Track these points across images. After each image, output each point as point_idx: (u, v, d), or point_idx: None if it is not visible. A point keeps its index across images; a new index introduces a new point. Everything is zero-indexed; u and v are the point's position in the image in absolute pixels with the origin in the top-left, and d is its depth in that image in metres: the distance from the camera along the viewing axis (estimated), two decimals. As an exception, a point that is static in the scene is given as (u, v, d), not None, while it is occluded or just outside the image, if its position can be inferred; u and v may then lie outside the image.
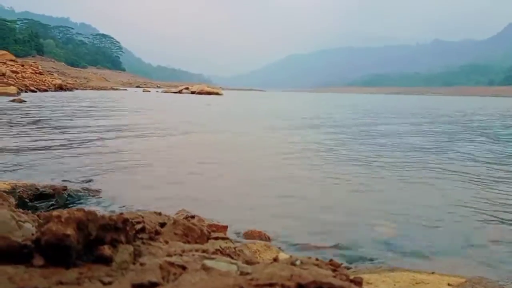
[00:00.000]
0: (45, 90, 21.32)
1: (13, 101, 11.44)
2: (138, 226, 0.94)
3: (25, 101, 11.66)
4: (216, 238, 1.07)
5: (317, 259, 1.02)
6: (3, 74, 19.72)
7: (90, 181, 2.85)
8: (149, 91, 40.19)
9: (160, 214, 1.12)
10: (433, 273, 1.50)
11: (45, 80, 25.40)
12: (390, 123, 10.22)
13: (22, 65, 25.89)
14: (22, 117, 7.57)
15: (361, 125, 9.39)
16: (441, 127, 9.54)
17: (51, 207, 2.20)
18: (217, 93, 34.14)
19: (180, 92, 35.62)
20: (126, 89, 48.58)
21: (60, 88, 24.91)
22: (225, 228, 1.92)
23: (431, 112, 16.44)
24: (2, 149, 4.10)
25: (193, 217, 1.74)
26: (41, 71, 29.01)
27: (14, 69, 22.62)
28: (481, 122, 11.48)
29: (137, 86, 68.56)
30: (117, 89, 45.80)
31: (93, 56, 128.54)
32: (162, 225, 1.07)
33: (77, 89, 32.34)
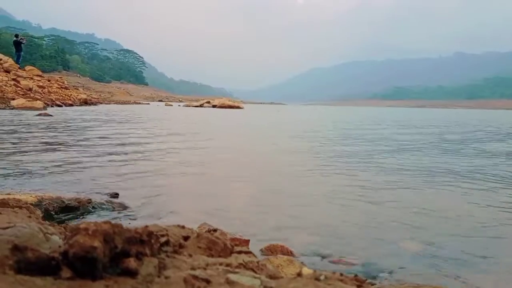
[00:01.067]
0: (71, 105, 21.76)
1: (39, 115, 11.72)
2: (163, 239, 0.94)
3: (51, 115, 11.93)
4: (240, 252, 1.07)
5: (341, 275, 1.00)
6: (30, 89, 20.21)
7: (114, 194, 2.88)
8: (171, 105, 40.71)
9: (183, 227, 1.13)
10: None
11: (71, 94, 25.94)
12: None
13: (49, 80, 26.51)
14: (48, 131, 7.75)
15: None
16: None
17: (76, 220, 2.23)
18: (238, 107, 34.37)
19: (201, 106, 35.97)
20: (148, 103, 49.28)
21: (85, 102, 25.40)
22: (247, 242, 1.92)
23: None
24: (29, 161, 4.19)
25: (215, 230, 1.74)
26: (67, 86, 29.66)
27: (41, 84, 23.16)
28: None
29: (160, 100, 69.53)
30: (140, 103, 46.49)
31: (117, 71, 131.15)
32: (186, 238, 1.07)
33: (101, 103, 32.93)
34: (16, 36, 27.82)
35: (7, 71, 22.39)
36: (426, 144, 8.06)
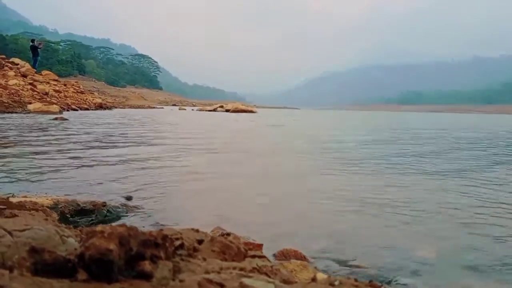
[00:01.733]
0: (86, 109, 22.02)
1: (55, 119, 11.88)
2: (177, 243, 0.95)
3: (67, 119, 12.08)
4: (253, 256, 1.07)
5: (356, 280, 1.00)
6: (47, 93, 20.52)
7: (128, 197, 2.90)
8: (185, 109, 41.00)
9: (197, 231, 1.13)
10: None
11: (86, 99, 26.26)
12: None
13: (65, 85, 26.90)
14: (64, 134, 7.85)
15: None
16: None
17: (91, 223, 2.25)
18: (251, 111, 34.46)
19: (214, 110, 36.16)
20: (162, 107, 49.67)
21: (100, 106, 25.69)
22: (260, 246, 1.91)
23: None
24: (45, 165, 4.25)
25: (228, 234, 1.74)
26: (82, 90, 30.07)
27: (57, 88, 23.51)
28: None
29: (173, 105, 70.06)
30: (154, 107, 46.89)
31: (132, 76, 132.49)
32: (200, 242, 1.08)
33: (116, 107, 33.31)
34: (33, 41, 28.32)
35: (24, 76, 22.79)
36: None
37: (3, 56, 26.21)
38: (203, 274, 0.84)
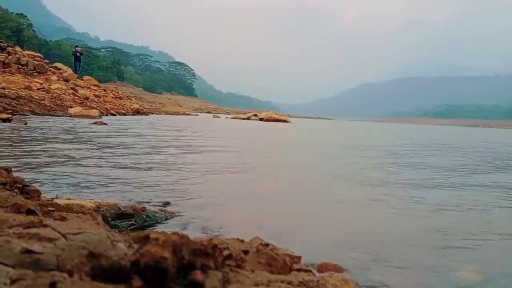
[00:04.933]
0: (124, 114, 22.54)
1: (95, 123, 12.21)
2: (225, 252, 0.94)
3: (106, 124, 12.39)
4: (299, 270, 1.05)
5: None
6: (87, 98, 21.14)
7: (167, 203, 2.94)
8: (219, 117, 41.35)
9: (242, 241, 1.13)
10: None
11: (124, 104, 26.91)
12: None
13: (104, 90, 27.66)
14: (106, 138, 8.05)
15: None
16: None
17: (131, 227, 2.29)
18: (284, 121, 34.42)
19: (248, 118, 36.29)
20: (197, 114, 50.28)
21: (137, 112, 26.27)
22: (299, 258, 1.88)
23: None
24: (86, 167, 4.35)
25: (267, 245, 1.73)
26: (121, 96, 30.86)
27: (97, 93, 24.19)
28: None
29: (208, 112, 70.84)
30: (189, 114, 47.54)
31: (168, 83, 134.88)
32: (245, 252, 1.07)
33: (152, 113, 33.97)
34: (76, 47, 29.34)
35: (66, 80, 23.60)
36: None
37: (47, 61, 27.23)
38: (252, 287, 0.84)
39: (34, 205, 1.32)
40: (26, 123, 9.90)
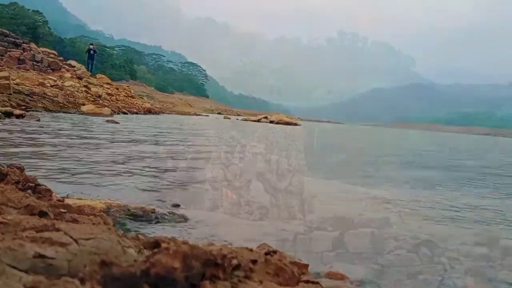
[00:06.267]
0: (135, 113, 22.67)
1: (107, 121, 12.31)
2: (234, 262, 0.95)
3: (118, 122, 12.48)
4: (307, 282, 1.06)
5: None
6: (100, 96, 21.31)
7: (175, 205, 2.95)
8: (229, 118, 41.39)
9: (251, 250, 1.13)
10: None
11: (136, 103, 27.08)
12: None
13: (117, 89, 27.86)
14: (117, 137, 8.11)
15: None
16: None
17: (142, 229, 2.30)
18: (295, 124, 34.37)
19: (259, 121, 36.28)
20: (208, 115, 50.37)
21: (148, 111, 26.40)
22: (306, 266, 1.88)
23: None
24: (98, 166, 4.39)
25: (275, 252, 1.73)
26: (133, 94, 31.05)
27: (110, 91, 24.38)
28: None
29: (218, 113, 70.86)
30: (200, 115, 47.60)
31: (180, 83, 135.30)
32: (254, 262, 1.07)
33: (163, 112, 34.11)
34: (90, 45, 29.63)
35: (79, 78, 23.82)
36: None
37: (61, 58, 27.54)
38: (260, 298, 0.84)
39: (46, 207, 1.34)
40: (38, 120, 10.01)
